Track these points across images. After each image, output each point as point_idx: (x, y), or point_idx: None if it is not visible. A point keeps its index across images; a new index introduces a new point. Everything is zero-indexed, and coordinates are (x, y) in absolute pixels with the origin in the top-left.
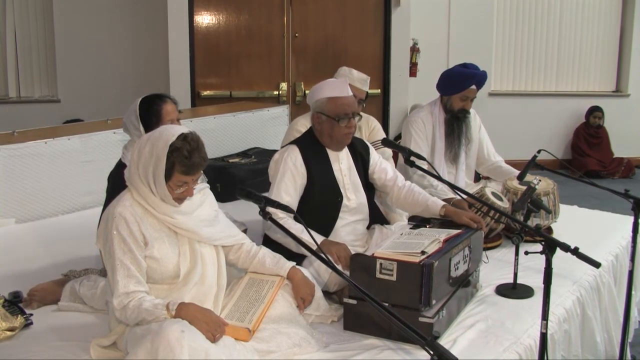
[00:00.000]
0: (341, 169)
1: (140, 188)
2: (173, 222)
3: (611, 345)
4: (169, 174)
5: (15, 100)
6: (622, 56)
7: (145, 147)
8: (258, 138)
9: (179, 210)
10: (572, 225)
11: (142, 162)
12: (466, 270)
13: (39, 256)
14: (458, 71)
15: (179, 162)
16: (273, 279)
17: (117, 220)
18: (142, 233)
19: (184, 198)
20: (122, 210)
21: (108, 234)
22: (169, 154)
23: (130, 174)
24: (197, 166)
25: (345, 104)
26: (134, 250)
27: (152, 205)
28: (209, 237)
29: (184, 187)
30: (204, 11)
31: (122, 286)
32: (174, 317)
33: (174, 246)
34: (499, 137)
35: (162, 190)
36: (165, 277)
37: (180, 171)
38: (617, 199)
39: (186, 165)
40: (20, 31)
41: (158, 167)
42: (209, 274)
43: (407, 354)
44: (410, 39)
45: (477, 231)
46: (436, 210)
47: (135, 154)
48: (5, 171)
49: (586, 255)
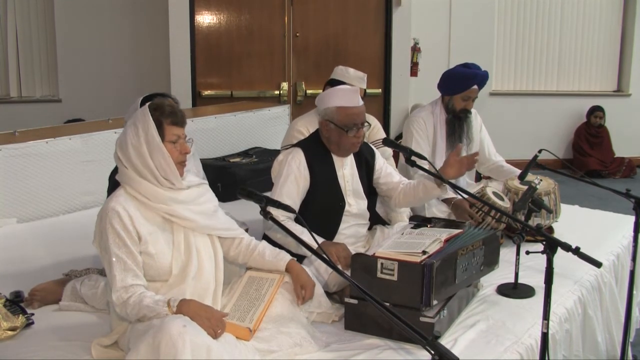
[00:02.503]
0: (344, 175)
1: (134, 180)
2: (169, 210)
3: (612, 345)
4: (161, 132)
5: (17, 100)
6: (624, 56)
7: (126, 138)
8: (259, 138)
9: (175, 199)
10: (573, 225)
11: (131, 150)
12: (477, 272)
13: (40, 256)
14: (460, 71)
15: (165, 116)
16: (273, 277)
17: (111, 215)
18: (135, 228)
19: (184, 161)
20: (115, 205)
21: (102, 229)
22: (152, 113)
23: (121, 174)
24: (182, 116)
25: (355, 114)
26: (129, 245)
27: (147, 196)
28: (207, 226)
29: (179, 143)
30: (205, 11)
31: (119, 280)
32: (175, 314)
33: (169, 242)
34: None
35: (162, 156)
36: (162, 274)
37: (169, 123)
38: (618, 198)
39: (174, 115)
40: (22, 31)
41: (148, 133)
42: (206, 268)
43: (408, 354)
44: (411, 39)
45: (492, 234)
46: (434, 187)
47: (119, 153)
48: (7, 171)
49: (587, 255)
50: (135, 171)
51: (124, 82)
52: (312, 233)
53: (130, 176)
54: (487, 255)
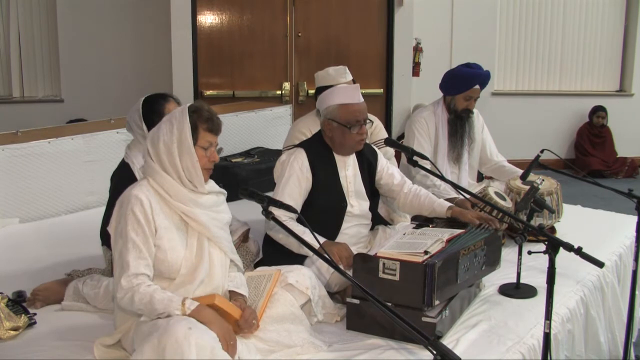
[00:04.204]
0: (347, 176)
1: (158, 174)
2: (187, 210)
3: (615, 345)
4: (194, 136)
5: (19, 100)
6: (626, 55)
7: (159, 133)
8: (261, 138)
9: (195, 201)
10: (576, 224)
11: (161, 146)
12: (479, 272)
13: (42, 256)
14: (462, 71)
15: (202, 121)
16: (270, 273)
17: (134, 201)
18: (154, 219)
19: (211, 169)
20: (139, 192)
21: (122, 215)
22: (191, 115)
23: (146, 166)
24: (219, 124)
25: (357, 111)
26: (147, 234)
27: (169, 192)
28: (218, 236)
29: (209, 150)
30: (207, 11)
31: (133, 267)
32: (187, 316)
33: (183, 241)
34: (502, 136)
35: (191, 159)
36: (172, 271)
37: (205, 129)
38: (620, 198)
39: (210, 122)
40: (24, 31)
41: (182, 133)
42: (217, 274)
43: (410, 354)
44: (413, 39)
45: (493, 233)
46: (442, 212)
47: (149, 147)
48: (9, 171)
49: (590, 255)
50: (161, 166)
51: (126, 82)
52: (314, 233)
53: (155, 169)
54: (488, 255)
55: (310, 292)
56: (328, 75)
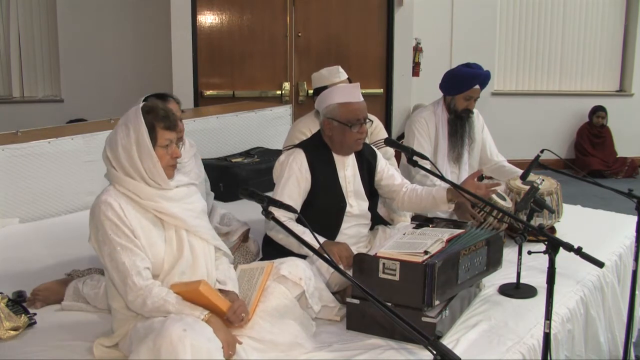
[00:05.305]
0: (346, 176)
1: (121, 179)
2: (158, 207)
3: (615, 345)
4: (153, 136)
5: (19, 100)
6: (626, 55)
7: (116, 137)
8: (261, 138)
9: (163, 196)
10: (576, 224)
11: (120, 151)
12: (481, 272)
13: (42, 256)
14: (462, 71)
15: (159, 120)
16: (262, 266)
17: (104, 207)
18: (128, 219)
19: (174, 165)
20: (107, 197)
21: (98, 224)
22: (145, 116)
23: (109, 173)
24: (175, 120)
25: (357, 109)
26: (127, 233)
27: (136, 192)
28: (195, 225)
29: (170, 147)
30: (207, 11)
31: (130, 266)
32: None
33: (162, 237)
34: (502, 136)
35: (151, 160)
36: (156, 267)
37: (162, 127)
38: (620, 198)
39: (167, 120)
40: (24, 31)
41: (139, 135)
42: (200, 264)
43: (410, 354)
44: (413, 39)
45: (496, 234)
46: (443, 195)
47: (108, 152)
48: (9, 171)
49: (590, 255)
50: (122, 172)
51: (126, 82)
52: (314, 233)
53: (118, 176)
54: (490, 256)
55: (304, 283)
56: (322, 76)
